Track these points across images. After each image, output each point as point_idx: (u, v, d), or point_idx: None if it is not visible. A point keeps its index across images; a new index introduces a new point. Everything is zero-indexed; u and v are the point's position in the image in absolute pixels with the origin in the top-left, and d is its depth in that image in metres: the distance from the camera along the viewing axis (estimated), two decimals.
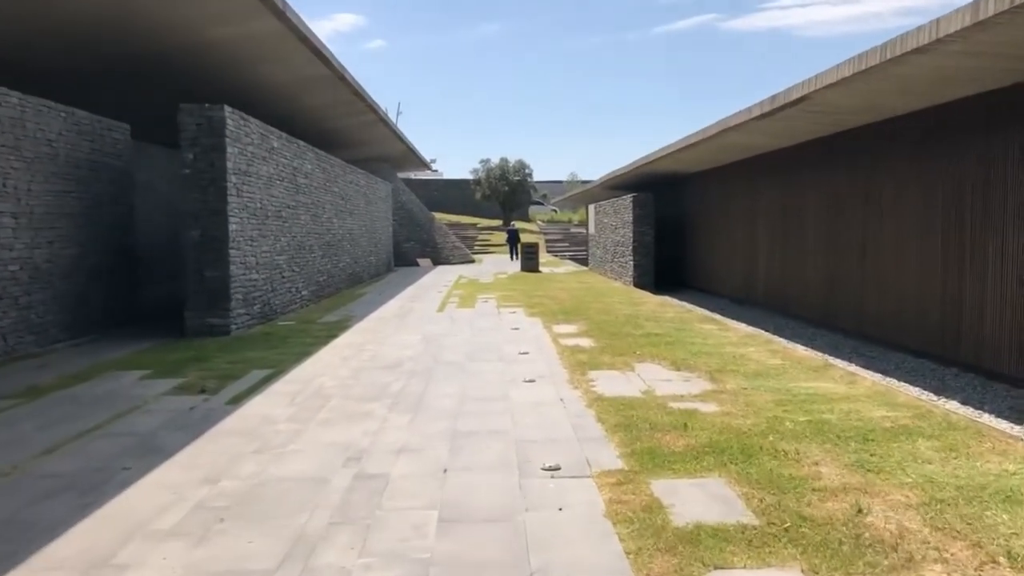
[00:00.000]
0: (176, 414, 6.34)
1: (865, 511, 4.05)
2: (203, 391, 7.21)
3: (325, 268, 17.15)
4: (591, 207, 28.97)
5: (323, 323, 12.51)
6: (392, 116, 26.78)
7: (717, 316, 13.59)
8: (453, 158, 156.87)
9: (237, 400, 6.83)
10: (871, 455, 5.09)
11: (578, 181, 59.60)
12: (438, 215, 41.43)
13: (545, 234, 46.46)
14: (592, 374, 7.86)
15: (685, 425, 5.72)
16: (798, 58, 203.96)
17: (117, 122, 11.90)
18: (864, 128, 10.78)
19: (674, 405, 6.43)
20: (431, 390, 7.22)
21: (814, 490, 4.42)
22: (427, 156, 39.93)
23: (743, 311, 14.61)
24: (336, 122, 21.10)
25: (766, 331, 12.02)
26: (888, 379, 8.21)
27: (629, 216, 20.00)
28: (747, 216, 15.80)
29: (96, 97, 12.96)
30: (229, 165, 10.83)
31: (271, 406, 6.60)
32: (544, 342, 10.20)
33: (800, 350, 9.89)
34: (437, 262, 32.52)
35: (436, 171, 64.29)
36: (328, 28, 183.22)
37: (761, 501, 4.21)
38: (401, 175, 41.10)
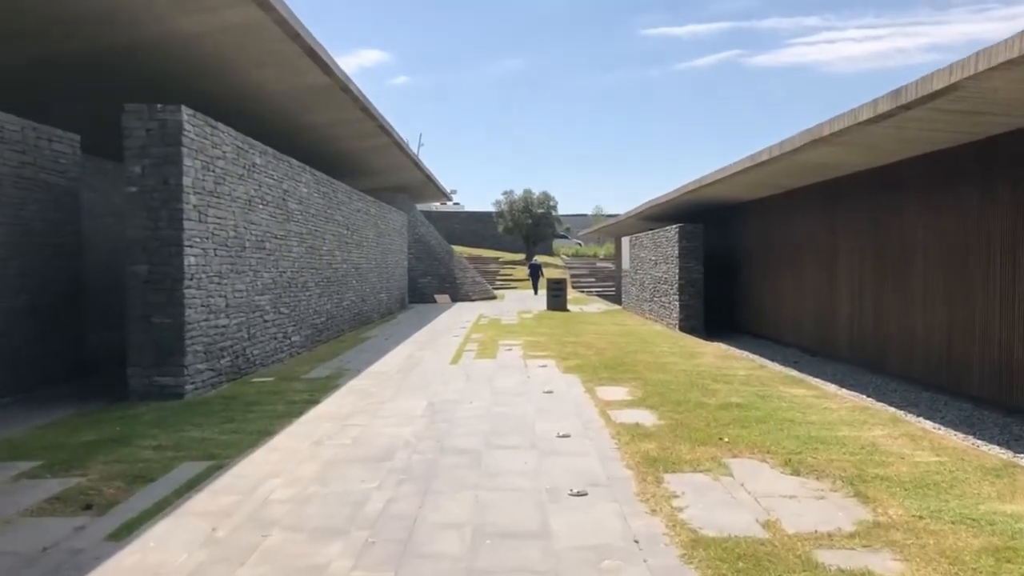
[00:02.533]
0: (15, 563, 3.90)
1: None
2: (89, 507, 4.78)
3: (324, 308, 14.77)
4: (625, 240, 26.50)
5: (307, 380, 10.08)
6: (414, 149, 24.70)
7: (797, 374, 10.96)
8: (476, 193, 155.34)
9: (127, 531, 4.37)
10: None
11: (603, 215, 57.23)
12: (459, 249, 39.23)
13: (570, 268, 43.99)
14: (670, 480, 5.32)
15: None
16: (823, 94, 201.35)
17: (62, 131, 9.67)
18: (1011, 135, 8.26)
19: (827, 560, 3.87)
20: (429, 513, 4.71)
21: None
22: (448, 189, 37.90)
23: (823, 367, 11.97)
24: (344, 144, 18.92)
25: (865, 395, 9.47)
26: None
27: (674, 250, 17.47)
28: (823, 250, 13.22)
29: (43, 104, 10.85)
30: (187, 182, 8.52)
31: (172, 548, 4.14)
32: (589, 415, 7.68)
33: (945, 434, 7.25)
34: (456, 298, 30.11)
35: (456, 203, 62.53)
36: (353, 64, 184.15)
37: None
38: (421, 207, 39.02)
